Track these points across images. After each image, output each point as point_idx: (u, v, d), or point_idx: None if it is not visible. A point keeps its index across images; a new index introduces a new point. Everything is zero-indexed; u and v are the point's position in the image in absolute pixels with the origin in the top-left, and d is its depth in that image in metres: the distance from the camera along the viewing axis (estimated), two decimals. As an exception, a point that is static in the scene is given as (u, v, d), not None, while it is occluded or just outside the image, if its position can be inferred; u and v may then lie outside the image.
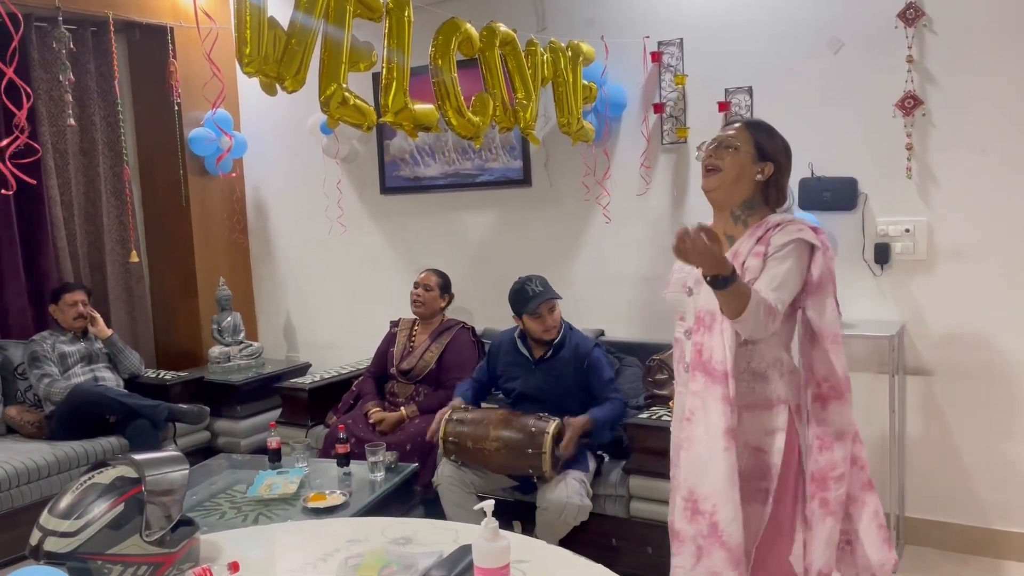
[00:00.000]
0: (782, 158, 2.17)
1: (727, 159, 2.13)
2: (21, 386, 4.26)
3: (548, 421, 3.14)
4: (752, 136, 2.15)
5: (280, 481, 3.08)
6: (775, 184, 2.16)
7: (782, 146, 2.18)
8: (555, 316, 3.37)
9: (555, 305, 3.38)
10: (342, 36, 2.51)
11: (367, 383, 4.11)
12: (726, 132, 2.18)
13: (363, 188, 4.86)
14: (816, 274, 2.05)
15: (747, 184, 2.13)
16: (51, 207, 4.51)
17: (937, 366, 3.43)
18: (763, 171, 2.13)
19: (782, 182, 2.18)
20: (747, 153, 2.13)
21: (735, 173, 2.13)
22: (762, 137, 2.16)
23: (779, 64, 3.60)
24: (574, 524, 3.14)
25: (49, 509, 1.66)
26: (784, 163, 2.18)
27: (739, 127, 2.18)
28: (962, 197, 3.32)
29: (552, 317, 3.36)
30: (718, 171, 2.13)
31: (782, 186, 2.18)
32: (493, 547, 1.53)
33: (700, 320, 2.09)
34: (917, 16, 3.29)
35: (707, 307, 2.05)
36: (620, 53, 3.87)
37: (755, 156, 2.13)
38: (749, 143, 2.14)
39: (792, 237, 2.03)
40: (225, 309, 4.96)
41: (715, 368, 2.03)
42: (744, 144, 2.13)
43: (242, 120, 5.14)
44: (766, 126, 2.20)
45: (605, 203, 4.06)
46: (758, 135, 2.16)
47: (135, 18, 4.58)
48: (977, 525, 3.40)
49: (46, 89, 4.48)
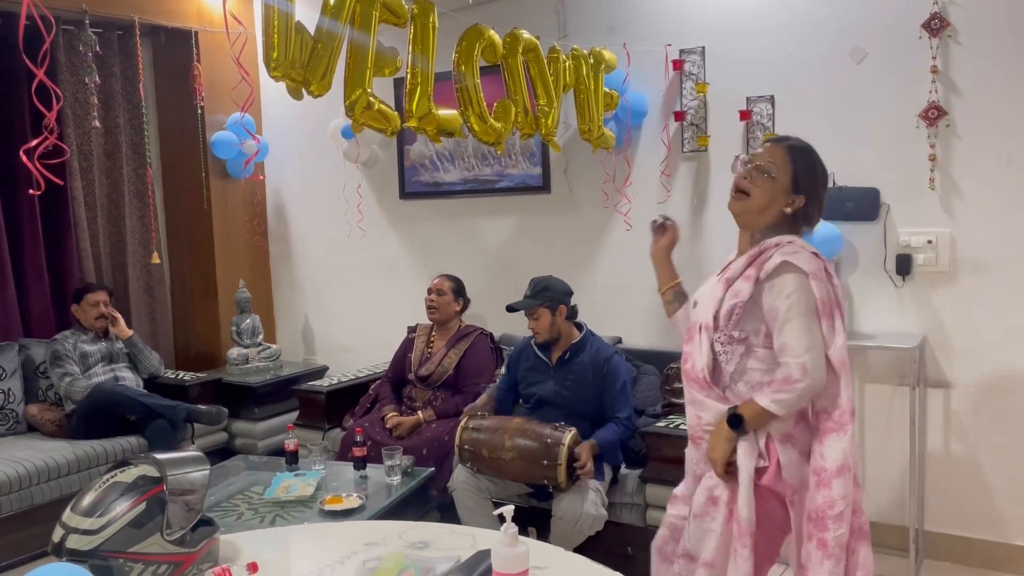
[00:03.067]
0: (818, 191, 2.08)
1: (759, 186, 2.05)
2: (42, 384, 4.30)
3: (564, 432, 3.12)
4: (792, 166, 2.05)
5: (297, 483, 3.09)
6: (804, 215, 2.08)
7: (821, 179, 2.09)
8: (540, 323, 3.36)
9: (535, 312, 3.35)
10: (368, 41, 2.53)
11: (384, 387, 4.12)
12: (766, 155, 2.07)
13: (383, 193, 4.88)
14: (816, 300, 1.98)
15: (775, 213, 2.06)
16: (75, 208, 4.56)
17: (958, 379, 3.39)
18: (793, 203, 2.05)
19: (812, 214, 2.09)
20: (782, 184, 2.05)
21: (765, 202, 2.05)
22: (801, 168, 2.06)
23: (801, 73, 3.59)
24: (589, 534, 3.13)
25: (72, 507, 1.67)
26: (817, 196, 2.08)
27: (781, 151, 2.07)
28: (985, 209, 3.29)
29: (536, 323, 3.36)
30: (746, 196, 2.06)
31: (811, 216, 2.10)
32: (512, 552, 1.52)
33: (689, 332, 2.15)
34: (942, 26, 3.27)
35: (694, 319, 2.14)
36: (642, 61, 3.87)
37: (789, 188, 2.05)
38: (787, 173, 2.05)
39: (781, 259, 1.98)
40: (244, 311, 4.98)
41: (697, 375, 2.09)
42: (781, 173, 2.04)
43: (264, 124, 5.18)
44: (809, 155, 2.09)
45: (625, 210, 4.06)
46: (797, 166, 2.05)
47: (160, 22, 4.63)
48: (998, 540, 3.36)
49: (72, 91, 4.53)
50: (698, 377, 2.09)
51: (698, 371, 2.09)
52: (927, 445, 3.46)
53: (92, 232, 4.71)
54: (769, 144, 2.12)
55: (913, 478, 3.36)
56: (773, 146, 2.10)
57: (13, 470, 3.58)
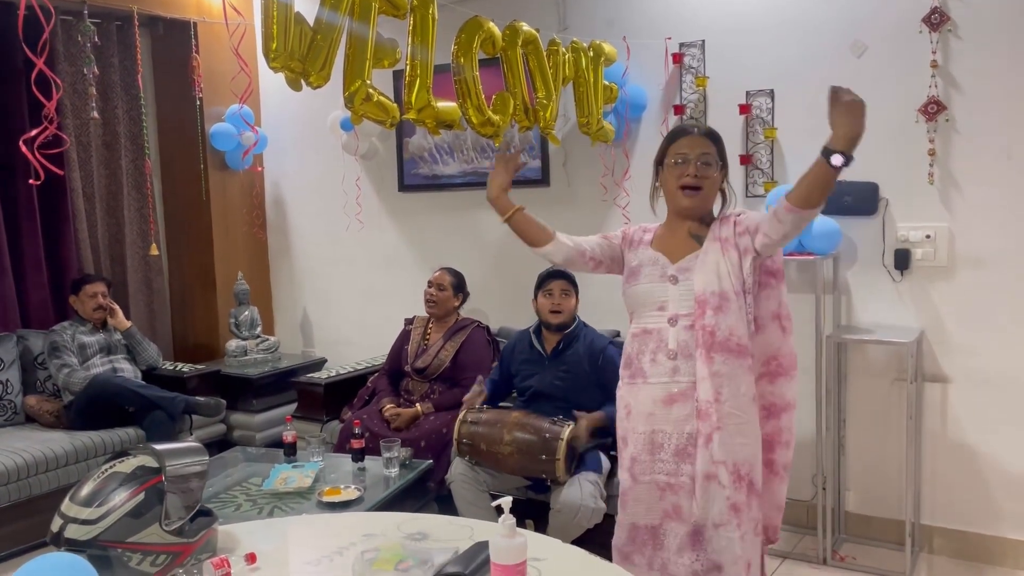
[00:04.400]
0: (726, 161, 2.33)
1: (709, 177, 2.26)
2: (41, 376, 4.30)
3: (562, 426, 3.12)
4: (716, 146, 2.28)
5: (295, 475, 3.10)
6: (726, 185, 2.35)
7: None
8: (568, 302, 3.38)
9: (570, 290, 3.40)
10: (367, 32, 2.52)
11: (382, 380, 4.12)
12: (702, 147, 2.25)
13: (381, 185, 4.87)
14: (779, 260, 2.28)
15: (715, 193, 2.30)
16: (73, 199, 4.56)
17: (956, 373, 3.40)
18: (724, 178, 2.31)
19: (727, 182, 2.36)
20: (717, 165, 2.27)
21: (714, 190, 2.29)
22: (720, 145, 2.30)
23: (801, 67, 3.58)
24: (587, 527, 3.13)
25: (70, 496, 1.67)
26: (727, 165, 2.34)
27: (706, 139, 2.27)
28: (985, 204, 3.30)
29: (564, 300, 3.37)
30: (700, 190, 2.24)
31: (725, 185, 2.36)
32: (510, 544, 1.53)
33: (704, 303, 2.19)
34: (942, 21, 3.27)
35: (710, 289, 2.19)
36: (641, 54, 3.87)
37: (720, 165, 2.28)
38: (716, 155, 2.27)
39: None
40: (243, 303, 4.98)
41: (739, 343, 2.18)
42: (714, 158, 2.26)
43: (263, 116, 5.17)
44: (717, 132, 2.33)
45: (624, 204, 4.06)
46: (718, 144, 2.29)
47: (159, 13, 4.61)
48: (994, 534, 3.37)
49: (70, 82, 4.52)
50: (739, 345, 2.18)
51: (738, 337, 2.18)
52: (924, 439, 3.47)
53: (90, 223, 4.70)
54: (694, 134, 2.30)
55: (910, 472, 3.37)
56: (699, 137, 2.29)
57: (12, 461, 3.58)
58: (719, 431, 2.16)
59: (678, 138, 2.28)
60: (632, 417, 2.31)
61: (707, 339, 2.16)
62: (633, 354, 2.31)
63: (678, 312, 2.22)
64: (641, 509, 2.29)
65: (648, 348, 2.26)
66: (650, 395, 2.25)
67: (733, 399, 2.17)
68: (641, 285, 2.30)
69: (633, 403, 2.30)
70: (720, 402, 2.15)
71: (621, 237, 2.45)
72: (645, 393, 2.26)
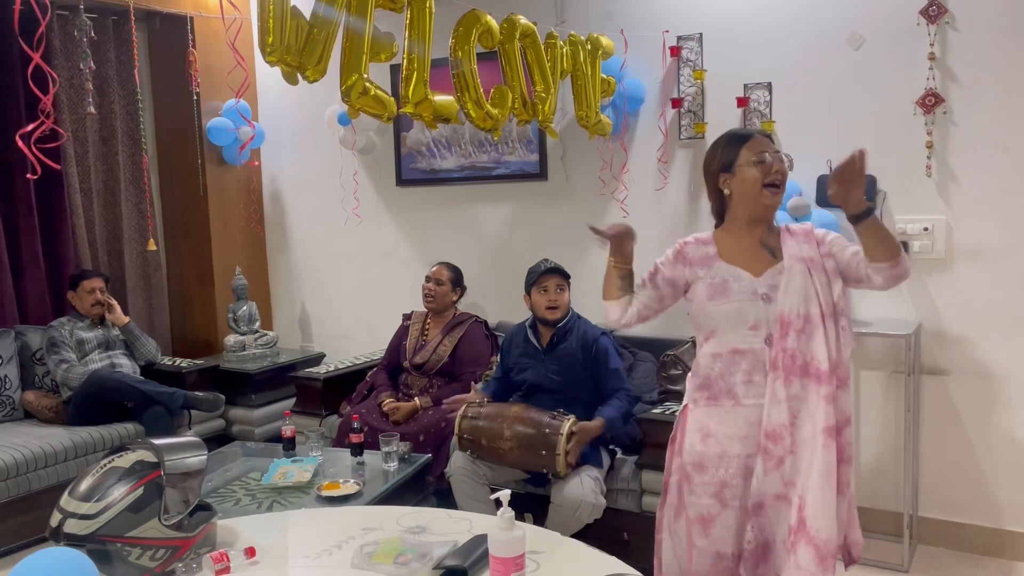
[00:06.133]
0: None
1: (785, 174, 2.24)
2: (39, 371, 4.30)
3: (563, 421, 3.12)
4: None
5: (294, 469, 3.10)
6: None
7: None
8: (563, 297, 3.38)
9: (564, 285, 3.39)
10: (364, 26, 2.52)
11: (381, 375, 4.12)
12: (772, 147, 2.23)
13: (379, 180, 4.87)
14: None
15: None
16: (70, 194, 4.55)
17: (953, 366, 3.41)
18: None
19: None
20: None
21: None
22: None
23: (799, 60, 3.58)
24: (588, 522, 3.13)
25: (69, 491, 1.67)
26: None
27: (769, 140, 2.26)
28: (982, 196, 3.30)
29: (560, 296, 3.37)
30: (782, 188, 2.20)
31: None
32: (509, 537, 1.53)
33: (787, 325, 2.09)
34: (940, 13, 3.26)
35: (795, 311, 2.10)
36: (639, 47, 3.86)
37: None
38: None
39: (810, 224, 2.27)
40: (241, 298, 4.98)
41: (818, 369, 2.07)
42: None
43: (260, 110, 5.16)
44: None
45: (622, 197, 4.06)
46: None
47: (156, 7, 4.60)
48: (992, 526, 3.38)
49: (67, 77, 4.51)
50: (818, 370, 2.07)
51: (819, 362, 2.07)
52: (921, 431, 3.48)
53: (88, 219, 4.70)
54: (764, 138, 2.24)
55: (907, 464, 3.38)
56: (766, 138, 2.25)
57: (11, 456, 3.58)
58: (791, 455, 2.09)
59: (747, 140, 2.22)
60: (713, 441, 2.17)
61: (787, 363, 2.08)
62: (715, 375, 2.18)
63: (771, 331, 2.12)
64: (729, 536, 2.17)
65: (741, 368, 2.15)
66: (745, 417, 2.14)
67: (810, 424, 2.07)
68: (732, 303, 2.16)
69: (715, 426, 2.17)
70: (797, 426, 2.08)
71: (676, 256, 2.34)
72: (739, 416, 2.15)
